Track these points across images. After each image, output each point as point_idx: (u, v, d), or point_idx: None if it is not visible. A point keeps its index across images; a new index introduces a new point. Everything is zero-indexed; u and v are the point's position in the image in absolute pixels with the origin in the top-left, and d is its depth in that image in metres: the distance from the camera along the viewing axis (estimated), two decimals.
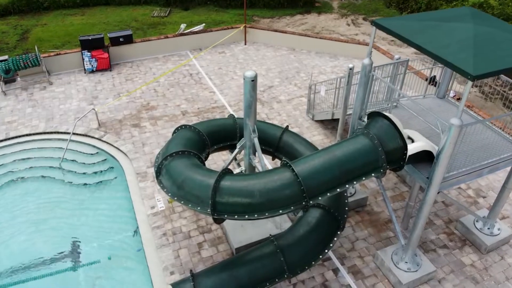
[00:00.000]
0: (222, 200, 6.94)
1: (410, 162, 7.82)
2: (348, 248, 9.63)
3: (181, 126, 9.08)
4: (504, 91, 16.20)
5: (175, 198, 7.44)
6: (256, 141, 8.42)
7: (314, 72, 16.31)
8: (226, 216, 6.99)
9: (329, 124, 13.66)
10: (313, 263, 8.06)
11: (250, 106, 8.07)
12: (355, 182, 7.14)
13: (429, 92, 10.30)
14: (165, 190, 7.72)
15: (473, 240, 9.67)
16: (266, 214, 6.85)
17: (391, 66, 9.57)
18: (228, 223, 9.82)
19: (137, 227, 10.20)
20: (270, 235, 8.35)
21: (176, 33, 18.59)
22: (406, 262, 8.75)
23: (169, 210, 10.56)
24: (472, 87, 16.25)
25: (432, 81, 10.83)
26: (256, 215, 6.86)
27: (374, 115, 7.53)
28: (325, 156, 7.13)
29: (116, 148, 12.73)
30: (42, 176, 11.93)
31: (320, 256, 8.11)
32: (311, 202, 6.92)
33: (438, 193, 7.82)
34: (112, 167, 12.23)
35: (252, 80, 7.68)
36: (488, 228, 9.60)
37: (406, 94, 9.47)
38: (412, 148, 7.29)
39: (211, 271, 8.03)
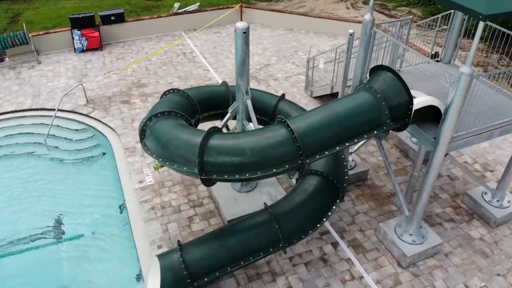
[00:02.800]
0: (211, 159, 6.34)
1: (415, 122, 7.24)
2: (348, 221, 9.03)
3: (169, 90, 8.49)
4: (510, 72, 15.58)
5: (160, 160, 6.84)
6: (249, 103, 7.82)
7: (312, 51, 15.70)
8: (215, 176, 6.39)
9: (328, 100, 13.04)
10: (310, 232, 7.47)
11: (242, 63, 7.46)
12: (356, 140, 6.55)
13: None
14: (149, 152, 7.13)
15: (482, 213, 9.07)
16: (259, 173, 6.25)
17: (393, 27, 8.96)
18: (221, 196, 9.22)
19: (124, 202, 9.60)
20: (265, 203, 7.74)
21: (170, 12, 17.97)
22: (411, 235, 8.15)
23: (158, 184, 9.97)
24: (476, 66, 15.67)
25: (434, 57, 10.26)
26: (247, 175, 6.26)
27: (377, 69, 6.93)
28: (324, 112, 6.54)
29: (104, 124, 12.13)
30: (27, 153, 11.33)
31: (318, 225, 7.52)
32: (307, 161, 6.32)
33: (445, 155, 7.23)
34: (100, 144, 11.63)
35: (244, 32, 7.08)
36: (498, 201, 9.00)
37: (409, 61, 8.86)
38: (418, 102, 6.69)
39: (200, 241, 7.43)
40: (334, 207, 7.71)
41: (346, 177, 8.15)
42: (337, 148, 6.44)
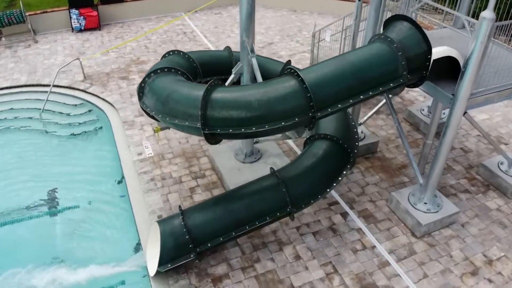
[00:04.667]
0: (214, 112, 5.88)
1: (431, 79, 6.80)
2: (358, 192, 8.58)
3: (169, 52, 8.04)
4: None
5: (160, 116, 6.38)
6: (254, 62, 7.37)
7: (317, 27, 15.21)
8: (219, 130, 5.94)
9: None
10: (319, 196, 7.05)
11: (248, 16, 7.01)
12: (370, 93, 6.10)
13: None
14: (148, 110, 6.68)
15: (498, 184, 8.62)
16: (266, 127, 5.80)
17: None
18: (224, 167, 8.78)
19: (122, 174, 9.15)
20: (271, 168, 7.30)
21: None
22: (425, 203, 7.71)
23: (158, 156, 9.52)
24: None
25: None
26: (254, 129, 5.81)
27: (392, 20, 6.48)
28: (337, 62, 6.10)
29: (102, 99, 11.69)
30: (22, 127, 10.88)
31: (328, 190, 7.09)
32: (319, 114, 5.87)
33: (464, 113, 6.79)
34: (97, 118, 11.18)
35: None
36: None
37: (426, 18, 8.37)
38: (436, 52, 6.24)
39: (203, 206, 7.02)
40: (344, 172, 7.28)
41: (356, 143, 7.73)
42: (351, 101, 5.99)
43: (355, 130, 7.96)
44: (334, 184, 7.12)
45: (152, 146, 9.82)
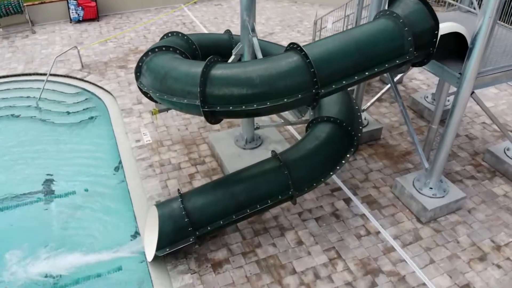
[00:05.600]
0: (214, 88, 5.68)
1: (437, 58, 6.60)
2: (361, 179, 8.37)
3: (168, 34, 7.82)
4: None
5: (157, 95, 6.17)
6: (255, 42, 7.15)
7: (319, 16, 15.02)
8: (219, 108, 5.73)
9: None
10: (322, 180, 6.84)
11: None
12: (376, 70, 5.90)
13: None
14: (145, 89, 6.46)
15: (505, 170, 8.41)
16: (268, 103, 5.59)
17: None
18: (224, 153, 8.57)
19: (119, 160, 8.94)
20: (273, 151, 7.09)
21: None
22: (431, 188, 7.50)
23: (157, 143, 9.31)
24: None
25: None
26: (255, 106, 5.60)
27: None
28: (341, 38, 5.90)
29: (100, 87, 11.48)
30: (19, 116, 10.68)
31: (331, 173, 6.89)
32: (322, 90, 5.67)
33: (471, 93, 6.59)
34: (94, 106, 10.97)
35: None
36: None
37: None
38: (444, 27, 6.03)
39: (203, 189, 6.82)
40: (348, 155, 7.07)
41: (361, 127, 7.52)
42: (356, 77, 5.79)
43: (358, 114, 7.75)
44: (338, 168, 6.91)
45: (151, 133, 9.62)
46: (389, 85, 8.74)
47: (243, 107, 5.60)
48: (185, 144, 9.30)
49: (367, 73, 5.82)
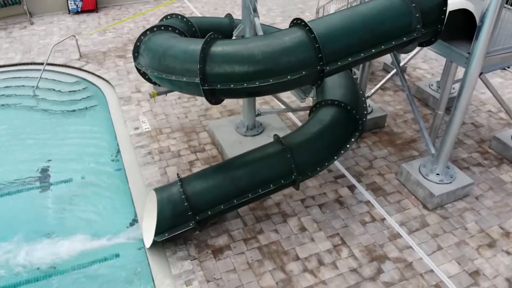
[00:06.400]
0: (214, 65, 5.47)
1: (445, 38, 6.39)
2: (366, 166, 8.16)
3: (167, 16, 7.62)
4: None
5: (155, 74, 5.96)
6: (257, 22, 6.95)
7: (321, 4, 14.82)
8: (219, 86, 5.52)
9: None
10: (326, 164, 6.64)
11: None
12: (383, 47, 5.68)
13: None
14: (143, 69, 6.25)
15: None
16: (270, 81, 5.39)
17: None
18: (225, 141, 8.36)
19: (118, 149, 8.73)
20: (275, 135, 6.88)
21: None
22: (438, 174, 7.29)
23: (156, 131, 9.10)
24: None
25: None
26: (257, 83, 5.39)
27: None
28: (347, 13, 5.70)
29: (98, 76, 11.27)
30: (16, 104, 10.46)
31: (335, 157, 6.68)
32: (327, 68, 5.46)
33: (480, 74, 6.38)
34: (93, 95, 10.76)
35: None
36: None
37: None
38: (452, 3, 5.82)
39: (203, 173, 6.61)
40: (352, 140, 6.86)
41: (365, 112, 7.30)
42: (362, 55, 5.58)
43: (363, 99, 7.55)
44: (342, 152, 6.71)
45: (150, 121, 9.41)
46: (394, 70, 8.52)
47: (245, 84, 5.39)
48: (185, 132, 9.10)
49: (373, 50, 5.61)
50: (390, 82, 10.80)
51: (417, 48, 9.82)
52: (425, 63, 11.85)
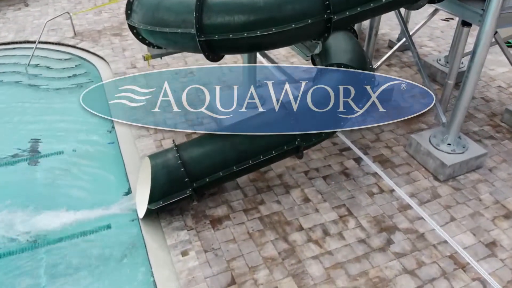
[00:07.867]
0: (211, 13, 5.06)
1: None
2: (372, 139, 7.76)
3: None
4: None
5: (149, 28, 5.55)
6: None
7: None
8: (217, 37, 5.11)
9: None
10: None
11: None
12: None
13: None
14: (136, 25, 5.83)
15: None
16: (273, 30, 4.98)
17: None
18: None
19: (112, 124, 8.32)
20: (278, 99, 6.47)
21: None
22: (449, 144, 6.89)
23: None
24: None
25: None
26: (258, 32, 4.98)
27: None
28: None
29: (93, 53, 10.87)
30: (7, 81, 10.07)
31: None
32: (335, 17, 5.05)
33: (495, 33, 5.97)
34: (87, 72, 10.36)
35: None
36: None
37: None
38: None
39: (201, 139, 6.21)
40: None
41: (373, 78, 6.88)
42: (372, 5, 5.17)
43: (371, 66, 7.14)
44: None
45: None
46: (403, 39, 8.13)
47: (245, 34, 4.98)
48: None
49: (383, 1, 5.20)
50: (396, 59, 10.41)
51: (423, 21, 9.46)
52: (431, 41, 11.46)
